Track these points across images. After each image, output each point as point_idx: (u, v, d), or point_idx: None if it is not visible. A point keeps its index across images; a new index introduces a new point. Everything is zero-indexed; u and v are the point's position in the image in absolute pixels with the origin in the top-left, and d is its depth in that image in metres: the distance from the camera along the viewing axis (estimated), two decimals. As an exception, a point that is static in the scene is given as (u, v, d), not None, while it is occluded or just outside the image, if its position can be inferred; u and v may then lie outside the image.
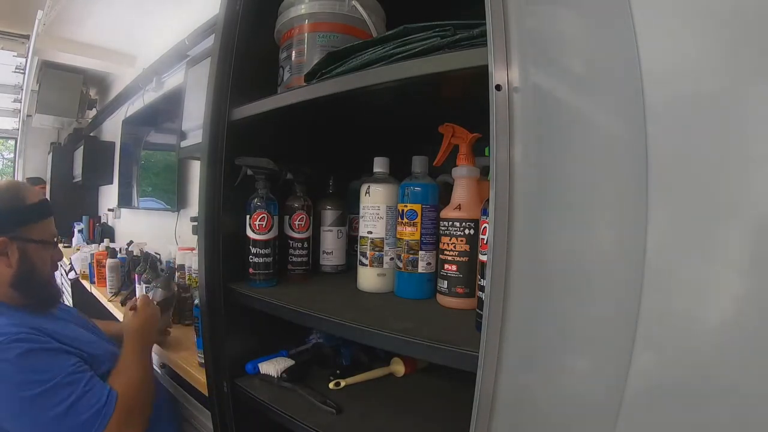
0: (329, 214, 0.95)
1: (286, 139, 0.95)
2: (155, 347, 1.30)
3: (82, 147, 3.40)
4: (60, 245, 1.12)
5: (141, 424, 0.89)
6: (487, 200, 0.49)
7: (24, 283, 0.91)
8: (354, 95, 0.65)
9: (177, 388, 1.19)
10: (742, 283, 0.48)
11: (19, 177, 4.15)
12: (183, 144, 1.84)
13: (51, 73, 3.24)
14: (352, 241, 0.98)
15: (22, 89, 3.63)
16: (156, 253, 1.95)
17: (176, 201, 2.18)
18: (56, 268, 1.03)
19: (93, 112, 3.68)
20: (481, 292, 0.54)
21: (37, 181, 4.03)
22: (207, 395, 0.91)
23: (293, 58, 0.80)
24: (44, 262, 0.97)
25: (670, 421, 0.50)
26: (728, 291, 0.49)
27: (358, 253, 0.82)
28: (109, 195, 3.42)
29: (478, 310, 0.55)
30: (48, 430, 0.78)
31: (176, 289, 1.39)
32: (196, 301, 1.25)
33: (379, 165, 0.82)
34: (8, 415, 0.78)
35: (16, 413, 0.77)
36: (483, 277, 0.52)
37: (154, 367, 1.36)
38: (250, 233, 0.85)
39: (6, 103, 4.16)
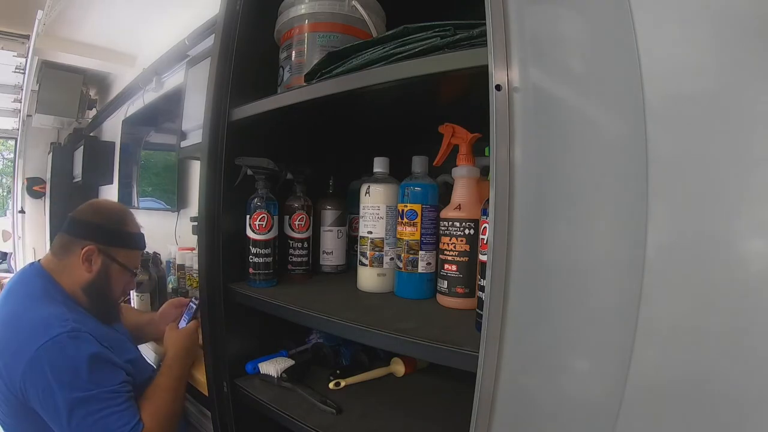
0: (329, 214, 0.95)
1: (286, 139, 0.95)
2: (152, 344, 1.31)
3: (82, 147, 3.39)
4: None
5: None
6: (487, 200, 0.49)
7: (94, 293, 0.98)
8: (354, 95, 0.65)
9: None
10: (742, 284, 0.48)
11: (19, 177, 4.14)
12: (183, 144, 1.84)
13: (51, 73, 3.23)
14: (352, 241, 0.98)
15: (22, 89, 3.63)
16: (156, 253, 1.95)
17: (176, 201, 2.18)
18: (126, 295, 1.11)
19: (93, 112, 3.67)
20: (481, 292, 0.54)
21: (37, 181, 4.03)
22: (207, 395, 0.91)
23: (293, 58, 0.80)
24: (119, 284, 1.03)
25: (670, 421, 0.50)
26: (728, 291, 0.49)
27: (358, 253, 0.82)
28: (109, 195, 3.41)
29: (478, 310, 0.55)
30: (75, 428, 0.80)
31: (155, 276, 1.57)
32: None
33: (379, 165, 0.82)
34: (48, 406, 0.81)
35: (56, 405, 0.80)
36: (483, 277, 0.52)
37: (153, 365, 1.36)
38: (250, 233, 0.85)
39: (6, 103, 4.16)
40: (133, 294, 1.52)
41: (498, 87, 0.45)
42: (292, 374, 0.85)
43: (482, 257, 0.57)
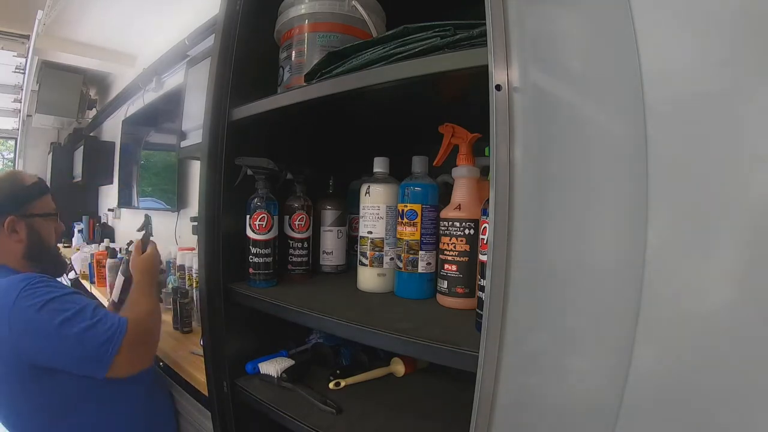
0: (329, 214, 0.95)
1: (286, 139, 0.95)
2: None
3: (82, 147, 3.40)
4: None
5: (150, 348, 1.00)
6: (487, 200, 0.49)
7: (35, 253, 1.05)
8: (354, 95, 0.65)
9: (177, 388, 1.19)
10: (743, 283, 0.48)
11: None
12: (183, 144, 1.84)
13: (51, 73, 3.24)
14: (352, 241, 0.98)
15: (22, 89, 3.63)
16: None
17: (176, 201, 2.18)
18: (60, 239, 1.16)
19: (93, 112, 3.67)
20: (481, 292, 0.54)
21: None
22: (207, 395, 0.91)
23: (293, 58, 0.80)
24: (49, 233, 1.09)
25: (670, 421, 0.50)
26: (728, 291, 0.49)
27: (358, 253, 0.82)
28: (109, 195, 3.42)
29: (478, 310, 0.55)
30: (71, 353, 0.87)
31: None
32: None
33: (379, 165, 0.82)
34: (35, 347, 0.87)
35: (43, 344, 0.87)
36: (483, 277, 0.52)
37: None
38: (250, 233, 0.85)
39: (6, 103, 4.16)
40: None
41: (498, 87, 0.45)
42: (292, 374, 0.84)
43: (482, 257, 0.57)
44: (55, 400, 0.92)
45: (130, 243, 2.13)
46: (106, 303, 1.87)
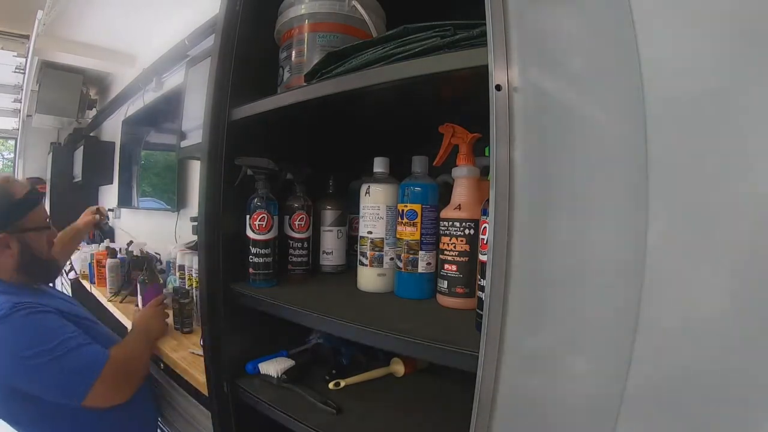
0: (329, 214, 0.95)
1: (286, 139, 0.95)
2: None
3: (82, 147, 3.39)
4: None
5: (130, 386, 1.03)
6: (487, 200, 0.49)
7: (27, 266, 1.07)
8: (354, 95, 0.65)
9: (177, 388, 1.19)
10: (743, 283, 0.48)
11: (19, 177, 4.14)
12: (183, 144, 1.84)
13: (51, 73, 3.23)
14: (352, 241, 0.98)
15: (22, 89, 3.63)
16: (156, 253, 1.95)
17: (176, 201, 2.18)
18: (52, 245, 1.18)
19: (93, 112, 3.67)
20: (481, 292, 0.54)
21: (37, 181, 4.02)
22: (207, 395, 0.91)
23: (293, 58, 0.80)
24: (41, 244, 1.11)
25: (670, 421, 0.51)
26: (728, 291, 0.49)
27: (358, 253, 0.82)
28: (109, 195, 3.42)
29: (478, 310, 0.55)
30: (48, 383, 0.92)
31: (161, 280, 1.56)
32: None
33: (379, 165, 0.82)
34: (12, 373, 0.92)
35: (20, 372, 0.91)
36: (483, 277, 0.52)
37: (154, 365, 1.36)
38: (250, 233, 0.85)
39: (6, 103, 4.16)
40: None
41: (498, 87, 0.45)
42: (292, 374, 0.85)
43: (482, 257, 0.57)
44: (34, 416, 0.97)
45: (130, 243, 2.13)
46: (104, 301, 1.88)
